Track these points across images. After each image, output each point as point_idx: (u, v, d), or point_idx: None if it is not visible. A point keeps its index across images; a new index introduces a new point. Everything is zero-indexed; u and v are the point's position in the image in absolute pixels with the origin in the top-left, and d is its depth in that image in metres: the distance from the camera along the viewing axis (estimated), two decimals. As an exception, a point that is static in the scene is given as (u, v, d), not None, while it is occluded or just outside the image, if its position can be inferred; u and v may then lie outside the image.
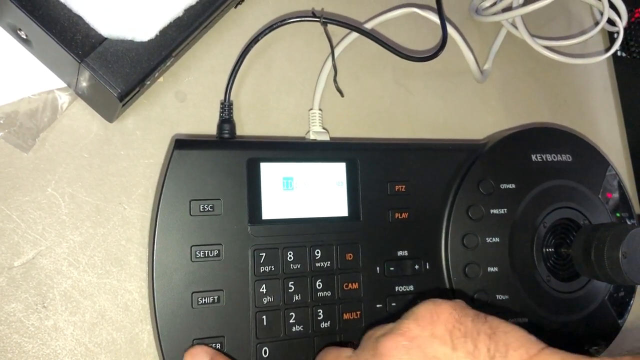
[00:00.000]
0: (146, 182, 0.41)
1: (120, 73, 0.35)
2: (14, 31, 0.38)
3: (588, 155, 0.50)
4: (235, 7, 0.45)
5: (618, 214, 0.50)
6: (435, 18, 0.50)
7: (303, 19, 0.45)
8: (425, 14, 0.50)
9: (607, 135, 0.59)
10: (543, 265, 0.45)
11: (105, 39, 0.36)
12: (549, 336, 0.44)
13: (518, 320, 0.44)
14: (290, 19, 0.45)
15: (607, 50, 0.56)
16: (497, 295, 0.44)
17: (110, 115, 0.40)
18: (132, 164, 0.41)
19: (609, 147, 0.58)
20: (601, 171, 0.50)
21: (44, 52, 0.38)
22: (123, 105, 0.37)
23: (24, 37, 0.37)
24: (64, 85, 0.40)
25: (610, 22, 0.57)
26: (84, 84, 0.37)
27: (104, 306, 0.39)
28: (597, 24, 0.55)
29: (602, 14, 0.55)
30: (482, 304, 0.43)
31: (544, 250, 0.46)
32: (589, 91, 0.59)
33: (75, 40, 0.35)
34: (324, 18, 0.45)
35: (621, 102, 0.60)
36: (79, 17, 0.35)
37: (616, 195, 0.50)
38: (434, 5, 0.50)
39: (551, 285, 0.45)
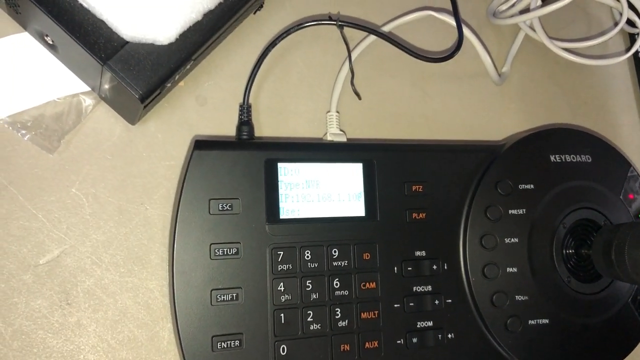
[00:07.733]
0: (167, 183, 0.42)
1: (142, 75, 0.37)
2: (41, 37, 0.39)
3: (608, 156, 0.49)
4: (254, 13, 0.46)
5: (640, 215, 0.49)
6: (451, 21, 0.50)
7: (320, 22, 0.46)
8: (442, 16, 0.50)
9: (629, 136, 0.58)
10: (563, 265, 0.45)
11: (127, 42, 0.37)
12: (570, 339, 0.45)
13: (538, 322, 0.44)
14: (307, 22, 0.45)
15: (628, 50, 0.56)
16: (517, 296, 0.44)
17: (132, 117, 0.41)
18: (153, 165, 0.42)
19: (631, 148, 0.57)
20: (622, 172, 0.49)
21: (69, 56, 0.39)
22: (145, 107, 0.38)
23: (50, 42, 0.39)
24: (88, 89, 0.41)
25: (630, 23, 0.57)
26: (107, 86, 0.38)
27: (125, 304, 0.39)
28: (616, 24, 0.55)
29: (621, 14, 0.55)
30: (501, 304, 0.43)
31: (564, 251, 0.45)
32: (609, 92, 0.59)
33: (98, 44, 0.36)
34: (340, 21, 0.46)
35: (643, 103, 0.59)
36: (102, 22, 0.36)
37: (638, 196, 0.49)
38: (450, 8, 0.50)
39: (572, 287, 0.45)
